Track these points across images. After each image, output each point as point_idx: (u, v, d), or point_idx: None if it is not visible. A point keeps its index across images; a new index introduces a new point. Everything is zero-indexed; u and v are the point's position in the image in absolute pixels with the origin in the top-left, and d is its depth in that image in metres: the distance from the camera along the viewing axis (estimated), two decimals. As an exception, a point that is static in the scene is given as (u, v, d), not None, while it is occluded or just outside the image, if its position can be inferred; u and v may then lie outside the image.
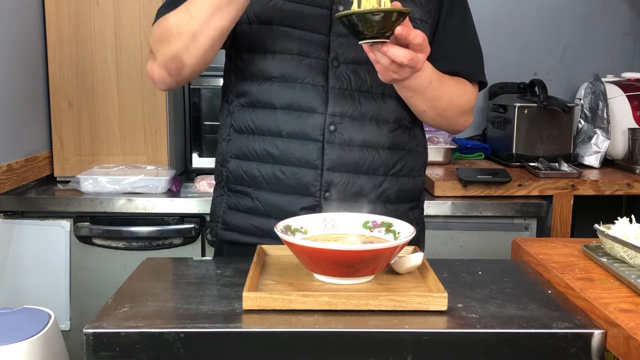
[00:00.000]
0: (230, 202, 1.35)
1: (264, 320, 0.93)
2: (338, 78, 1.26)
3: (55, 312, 1.52)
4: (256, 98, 1.29)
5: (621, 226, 1.15)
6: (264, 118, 1.28)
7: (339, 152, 1.27)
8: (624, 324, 0.89)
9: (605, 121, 2.38)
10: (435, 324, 0.92)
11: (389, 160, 1.30)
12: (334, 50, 1.25)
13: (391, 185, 1.32)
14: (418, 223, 1.40)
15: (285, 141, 1.27)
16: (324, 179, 1.27)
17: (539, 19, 2.81)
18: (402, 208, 1.34)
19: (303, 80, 1.26)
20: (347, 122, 1.26)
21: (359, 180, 1.28)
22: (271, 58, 1.27)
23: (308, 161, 1.27)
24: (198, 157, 2.23)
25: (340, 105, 1.26)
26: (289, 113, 1.27)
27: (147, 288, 1.06)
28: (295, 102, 1.26)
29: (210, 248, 2.05)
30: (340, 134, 1.26)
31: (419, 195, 1.41)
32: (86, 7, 2.10)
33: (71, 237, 2.02)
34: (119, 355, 0.89)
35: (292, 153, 1.27)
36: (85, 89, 2.13)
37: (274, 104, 1.28)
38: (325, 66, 1.25)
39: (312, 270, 1.04)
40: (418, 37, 1.05)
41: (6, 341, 1.34)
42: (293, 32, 1.25)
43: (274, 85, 1.27)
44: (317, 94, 1.26)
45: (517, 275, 1.15)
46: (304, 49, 1.25)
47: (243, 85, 1.31)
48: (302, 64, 1.25)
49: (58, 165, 2.16)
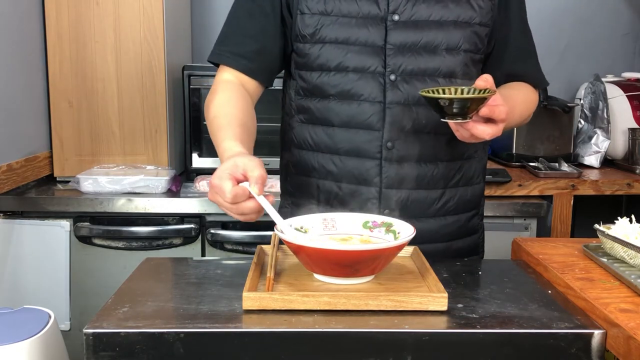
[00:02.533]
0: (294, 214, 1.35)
1: (264, 320, 0.93)
2: (395, 92, 1.23)
3: (55, 312, 1.52)
4: (315, 115, 1.28)
5: (621, 226, 1.15)
6: (323, 135, 1.27)
7: (397, 169, 1.25)
8: (624, 324, 0.89)
9: (605, 121, 2.38)
10: (435, 324, 0.92)
11: (448, 172, 1.28)
12: (391, 62, 1.22)
13: (451, 197, 1.29)
14: (477, 230, 1.38)
15: (343, 158, 1.26)
16: (383, 196, 1.25)
17: (539, 19, 2.81)
18: (463, 218, 1.32)
19: (360, 97, 1.24)
20: (405, 137, 1.24)
21: (419, 195, 1.26)
22: (327, 75, 1.25)
23: (365, 179, 1.25)
24: (198, 157, 2.23)
25: (398, 120, 1.23)
26: (346, 130, 1.25)
27: (147, 288, 1.06)
28: (352, 119, 1.25)
29: (210, 248, 2.05)
30: (397, 150, 1.24)
31: (479, 202, 1.38)
32: (86, 7, 2.10)
33: (71, 237, 2.02)
34: (119, 355, 0.89)
35: (349, 170, 1.26)
36: (85, 89, 2.13)
37: (332, 122, 1.26)
38: (382, 81, 1.23)
39: (312, 270, 1.04)
40: (502, 114, 1.07)
41: (6, 341, 1.34)
42: (348, 48, 1.23)
43: (332, 103, 1.26)
44: (374, 110, 1.23)
45: (517, 275, 1.15)
46: (360, 64, 1.23)
47: (302, 102, 1.30)
48: (359, 81, 1.23)
49: (58, 165, 2.16)
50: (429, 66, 1.23)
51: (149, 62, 2.14)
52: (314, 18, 1.23)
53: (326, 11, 1.23)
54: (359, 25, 1.23)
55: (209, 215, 2.03)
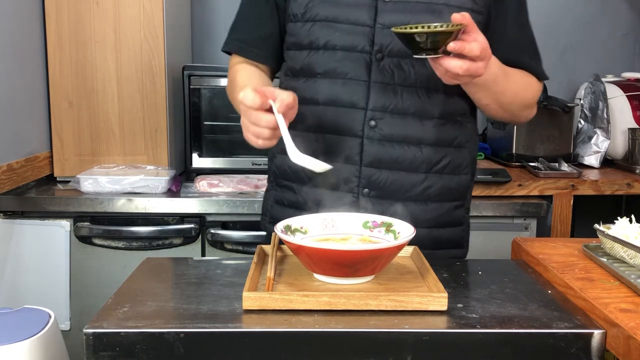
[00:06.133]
0: (277, 196, 1.37)
1: (264, 320, 0.93)
2: (381, 72, 1.24)
3: (55, 312, 1.52)
4: (302, 95, 1.26)
5: (621, 226, 1.15)
6: (308, 114, 1.27)
7: (379, 148, 1.25)
8: (624, 324, 0.89)
9: (605, 121, 2.38)
10: (435, 324, 0.92)
11: (432, 157, 1.27)
12: (379, 41, 1.23)
13: (433, 182, 1.28)
14: (462, 223, 1.36)
15: (327, 137, 1.27)
16: (363, 175, 1.26)
17: (539, 19, 2.80)
18: (446, 207, 1.31)
19: (345, 75, 1.25)
20: (388, 118, 1.24)
21: (399, 177, 1.26)
22: (315, 54, 1.27)
23: (347, 157, 1.26)
24: (198, 157, 2.23)
25: (382, 100, 1.24)
26: (330, 109, 1.26)
27: (147, 288, 1.06)
28: (337, 98, 1.26)
29: (210, 248, 2.05)
30: (380, 129, 1.24)
31: (465, 194, 1.36)
32: (86, 7, 2.10)
33: (71, 237, 2.02)
34: (119, 355, 0.89)
35: (332, 149, 1.26)
36: (85, 89, 2.13)
37: (317, 100, 1.27)
38: (368, 60, 1.24)
39: (312, 270, 1.04)
40: (474, 50, 1.04)
41: (6, 341, 1.34)
42: (337, 26, 1.24)
43: (318, 82, 1.27)
44: (359, 89, 1.24)
45: (517, 275, 1.15)
46: (348, 43, 1.24)
47: (290, 82, 1.32)
48: (346, 59, 1.24)
49: (58, 165, 2.16)
50: None
51: (149, 62, 2.14)
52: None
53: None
54: (350, 5, 1.24)
55: (209, 215, 2.04)
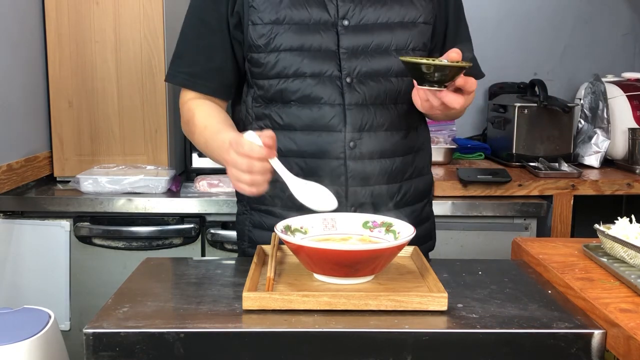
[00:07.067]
0: (254, 220, 1.36)
1: (264, 320, 0.93)
2: (353, 94, 1.26)
3: (55, 312, 1.52)
4: (276, 121, 1.29)
5: (621, 226, 1.15)
6: (285, 140, 1.27)
7: (362, 167, 1.27)
8: (624, 324, 0.89)
9: (605, 121, 2.38)
10: (435, 324, 0.92)
11: (404, 166, 1.33)
12: (346, 65, 1.25)
13: (408, 188, 1.34)
14: (429, 217, 1.44)
15: (308, 161, 1.27)
16: (349, 193, 1.27)
17: (539, 19, 2.81)
18: (418, 208, 1.38)
19: (320, 100, 1.26)
20: (366, 137, 1.27)
21: (381, 190, 1.30)
22: (286, 82, 1.27)
23: (331, 178, 1.26)
24: (198, 157, 2.23)
25: (358, 120, 1.26)
26: (309, 134, 1.27)
27: (147, 288, 1.06)
28: (314, 123, 1.27)
29: (210, 248, 2.05)
30: (359, 149, 1.27)
31: (430, 191, 1.44)
32: (86, 7, 2.10)
33: (71, 237, 2.02)
34: (119, 355, 0.89)
35: (315, 172, 1.26)
36: (85, 89, 2.13)
37: (294, 126, 1.28)
38: (339, 84, 1.26)
39: (312, 270, 1.04)
40: (474, 85, 1.11)
41: (6, 341, 1.34)
42: (304, 54, 1.25)
43: (293, 108, 1.28)
44: (335, 112, 1.26)
45: (517, 275, 1.15)
46: (317, 69, 1.25)
47: (261, 109, 1.31)
48: (318, 84, 1.25)
49: (58, 165, 2.16)
50: (381, 67, 1.27)
51: (149, 62, 2.13)
52: (267, 27, 1.25)
53: (278, 20, 1.25)
54: (312, 32, 1.25)
55: (209, 215, 2.03)
